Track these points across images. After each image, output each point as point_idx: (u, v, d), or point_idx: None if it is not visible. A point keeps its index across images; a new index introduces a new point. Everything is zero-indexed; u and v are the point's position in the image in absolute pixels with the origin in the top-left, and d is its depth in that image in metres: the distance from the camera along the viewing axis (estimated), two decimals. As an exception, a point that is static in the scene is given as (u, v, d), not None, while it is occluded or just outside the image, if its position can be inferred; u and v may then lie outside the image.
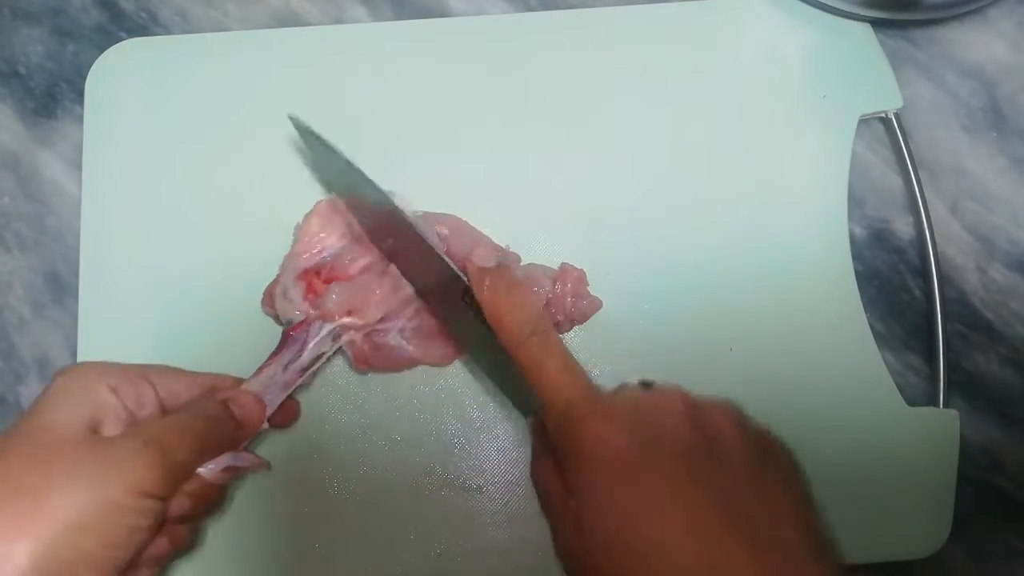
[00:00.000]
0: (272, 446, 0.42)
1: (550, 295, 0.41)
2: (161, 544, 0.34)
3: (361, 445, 0.42)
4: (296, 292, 0.41)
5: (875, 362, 0.44)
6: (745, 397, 0.43)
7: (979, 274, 0.46)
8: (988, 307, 0.46)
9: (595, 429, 0.31)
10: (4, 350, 0.46)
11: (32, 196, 0.48)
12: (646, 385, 0.36)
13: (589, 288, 0.43)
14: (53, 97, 0.49)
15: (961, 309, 0.46)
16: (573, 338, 0.44)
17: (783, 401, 0.43)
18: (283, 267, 0.42)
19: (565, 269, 0.42)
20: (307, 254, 0.42)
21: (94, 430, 0.33)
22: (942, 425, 0.43)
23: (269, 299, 0.43)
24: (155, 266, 0.45)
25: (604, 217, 0.46)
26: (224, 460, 0.37)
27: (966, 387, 0.45)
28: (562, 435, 0.33)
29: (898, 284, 0.47)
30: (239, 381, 0.39)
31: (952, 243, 0.47)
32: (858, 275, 0.45)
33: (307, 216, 0.43)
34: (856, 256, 0.45)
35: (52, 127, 0.48)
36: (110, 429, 0.34)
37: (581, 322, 0.43)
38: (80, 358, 0.44)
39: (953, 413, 0.43)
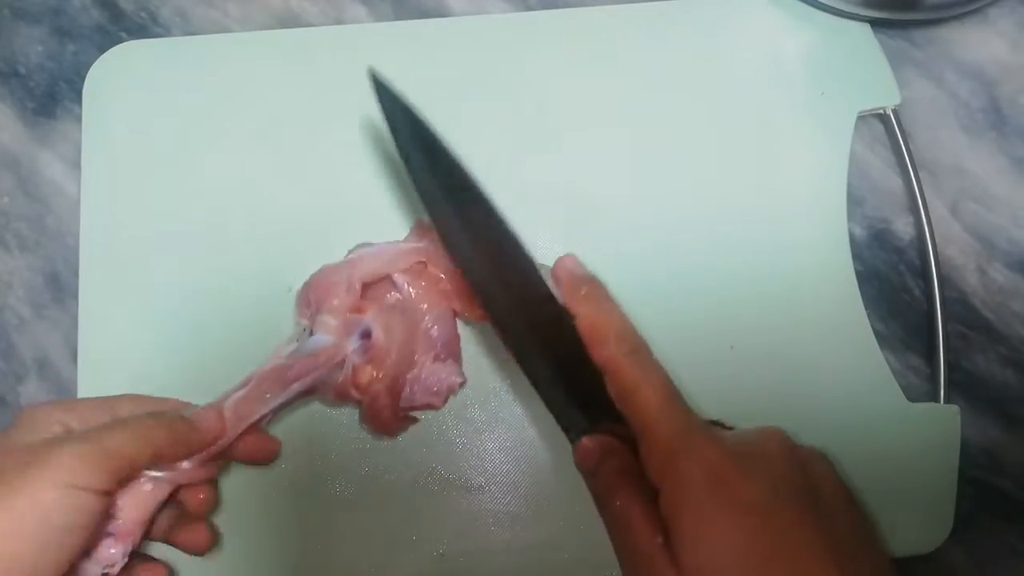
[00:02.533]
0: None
1: (552, 295, 0.41)
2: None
3: (362, 445, 0.42)
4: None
5: (876, 360, 0.44)
6: (745, 396, 0.43)
7: (979, 274, 0.46)
8: (988, 307, 0.46)
9: (706, 457, 0.29)
10: (4, 350, 0.46)
11: (32, 196, 0.48)
12: (726, 427, 0.34)
13: (590, 288, 0.43)
14: (53, 97, 0.49)
15: (961, 309, 0.46)
16: (574, 338, 0.44)
17: (783, 400, 0.43)
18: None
19: (566, 269, 0.42)
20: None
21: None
22: (943, 421, 0.43)
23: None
24: (155, 266, 0.45)
25: (604, 217, 0.46)
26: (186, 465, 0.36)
27: (966, 387, 0.45)
28: (665, 465, 0.29)
29: (898, 284, 0.47)
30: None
31: (952, 243, 0.47)
32: (858, 275, 0.45)
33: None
34: (856, 256, 0.45)
35: (52, 127, 0.48)
36: None
37: (582, 322, 0.43)
38: (80, 358, 0.43)
39: (954, 408, 0.43)
